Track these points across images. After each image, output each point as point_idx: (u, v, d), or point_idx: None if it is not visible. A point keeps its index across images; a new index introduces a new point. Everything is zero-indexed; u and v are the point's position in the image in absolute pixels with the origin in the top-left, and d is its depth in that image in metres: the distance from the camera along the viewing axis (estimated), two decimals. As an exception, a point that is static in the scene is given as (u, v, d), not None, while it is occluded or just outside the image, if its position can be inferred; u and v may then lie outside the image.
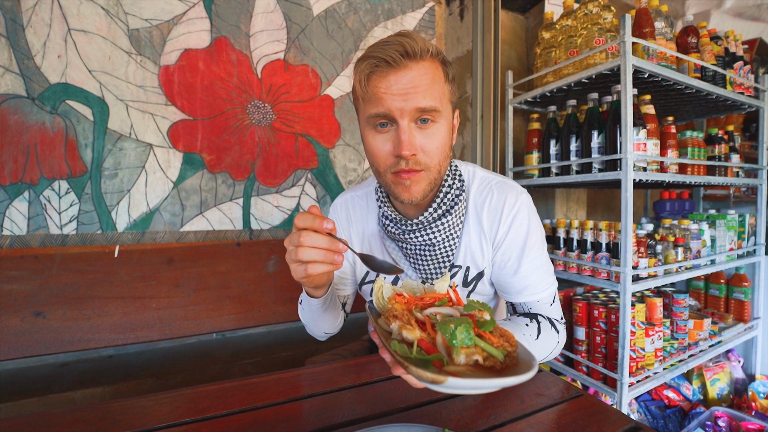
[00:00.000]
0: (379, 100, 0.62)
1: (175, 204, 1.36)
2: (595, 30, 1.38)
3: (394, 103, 0.61)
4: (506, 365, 0.43)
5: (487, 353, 0.43)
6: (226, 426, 0.55)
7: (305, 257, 0.53)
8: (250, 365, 1.27)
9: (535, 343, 0.70)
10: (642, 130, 1.29)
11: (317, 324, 0.80)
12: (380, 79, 0.62)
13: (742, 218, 1.76)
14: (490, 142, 1.74)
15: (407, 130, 0.62)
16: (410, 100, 0.61)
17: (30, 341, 1.10)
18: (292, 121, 1.52)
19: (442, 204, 0.71)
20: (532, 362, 0.41)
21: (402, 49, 0.60)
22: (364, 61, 0.63)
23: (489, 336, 0.45)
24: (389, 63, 0.61)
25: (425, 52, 0.62)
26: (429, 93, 0.62)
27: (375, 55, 0.61)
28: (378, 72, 0.62)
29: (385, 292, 0.60)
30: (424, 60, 0.62)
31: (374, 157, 0.67)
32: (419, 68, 0.62)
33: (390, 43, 0.61)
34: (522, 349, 0.46)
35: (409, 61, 0.61)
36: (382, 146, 0.66)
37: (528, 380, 0.39)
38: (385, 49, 0.61)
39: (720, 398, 1.64)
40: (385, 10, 1.68)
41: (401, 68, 0.61)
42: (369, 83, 0.63)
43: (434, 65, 0.64)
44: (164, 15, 1.32)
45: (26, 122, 1.17)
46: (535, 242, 0.74)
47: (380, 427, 0.52)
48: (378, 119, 0.64)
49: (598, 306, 1.37)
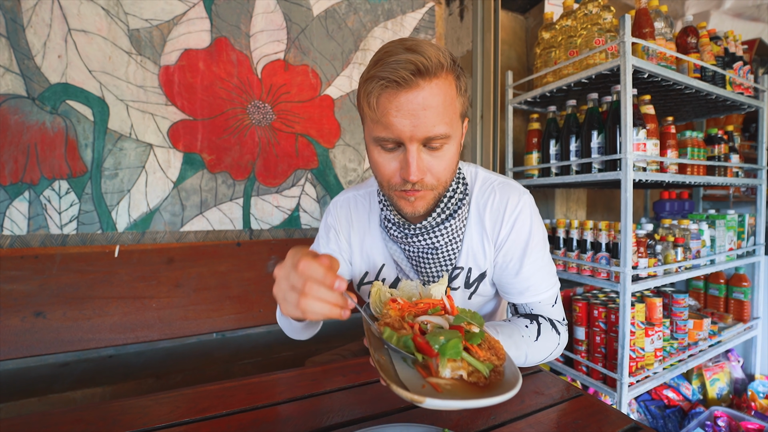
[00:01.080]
0: (387, 123, 0.59)
1: (175, 204, 1.36)
2: (595, 30, 1.38)
3: (403, 129, 0.58)
4: (490, 381, 0.44)
5: (473, 368, 0.44)
6: (226, 426, 0.55)
7: (308, 308, 0.48)
8: (250, 365, 1.27)
9: (534, 344, 0.70)
10: (642, 130, 1.29)
11: (298, 332, 0.78)
12: (389, 100, 0.58)
13: (742, 218, 1.76)
14: (490, 142, 1.74)
15: (415, 155, 0.59)
16: (420, 126, 0.58)
17: (30, 341, 1.10)
18: (292, 121, 1.52)
19: (446, 209, 0.70)
20: (516, 381, 0.42)
21: (414, 67, 0.56)
22: (372, 81, 0.58)
23: (476, 349, 0.46)
24: (399, 84, 0.56)
25: (439, 68, 0.58)
26: (440, 117, 0.59)
27: (384, 75, 0.57)
28: (387, 93, 0.58)
29: (382, 295, 0.60)
30: (437, 77, 0.58)
31: (380, 174, 0.65)
32: (431, 88, 0.57)
33: (400, 62, 0.56)
34: (509, 364, 0.46)
35: (420, 80, 0.57)
36: (388, 164, 0.63)
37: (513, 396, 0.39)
38: (396, 69, 0.56)
39: (719, 398, 1.64)
40: (385, 10, 1.68)
41: (412, 88, 0.57)
42: (378, 105, 0.59)
43: (447, 81, 0.60)
44: (164, 15, 1.32)
45: (26, 122, 1.17)
46: (537, 243, 0.74)
47: (380, 427, 0.52)
48: (385, 142, 0.61)
49: (598, 306, 1.38)
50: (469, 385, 0.43)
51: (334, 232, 0.84)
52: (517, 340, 0.69)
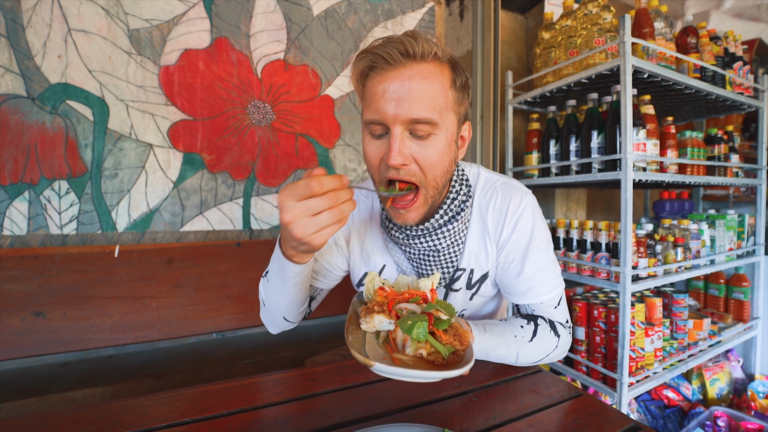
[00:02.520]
0: (374, 104, 0.59)
1: (175, 204, 1.36)
2: (595, 30, 1.38)
3: (387, 108, 0.58)
4: (449, 362, 0.49)
5: (433, 349, 0.49)
6: (226, 426, 0.55)
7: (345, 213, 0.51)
8: (250, 365, 1.27)
9: (528, 345, 0.70)
10: (642, 130, 1.29)
11: (281, 304, 0.73)
12: (376, 79, 0.59)
13: (742, 218, 1.76)
14: (490, 142, 1.74)
15: (398, 138, 0.59)
16: (403, 107, 0.57)
17: (30, 341, 1.10)
18: (292, 121, 1.52)
19: (448, 210, 0.70)
20: (467, 363, 0.47)
21: (402, 47, 0.56)
22: (361, 57, 0.60)
23: (441, 334, 0.50)
24: (387, 61, 0.57)
25: (428, 54, 0.58)
26: (425, 101, 0.58)
27: (374, 51, 0.58)
28: (375, 71, 0.59)
29: (375, 284, 0.63)
30: (426, 62, 0.58)
31: (367, 163, 0.66)
32: (420, 70, 0.58)
33: (391, 41, 0.58)
34: (470, 351, 0.50)
35: (408, 61, 0.57)
36: (375, 151, 0.63)
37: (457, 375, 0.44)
38: (385, 47, 0.57)
39: (719, 398, 1.64)
40: (385, 10, 1.68)
41: (399, 68, 0.57)
42: (366, 82, 0.60)
43: (439, 68, 0.60)
44: (164, 15, 1.32)
45: (26, 122, 1.17)
46: (540, 244, 0.73)
47: (380, 427, 0.52)
48: (373, 126, 0.61)
49: (598, 306, 1.38)
50: (425, 363, 0.49)
51: None
52: (507, 339, 0.68)
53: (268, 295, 0.73)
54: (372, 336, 0.56)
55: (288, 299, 0.71)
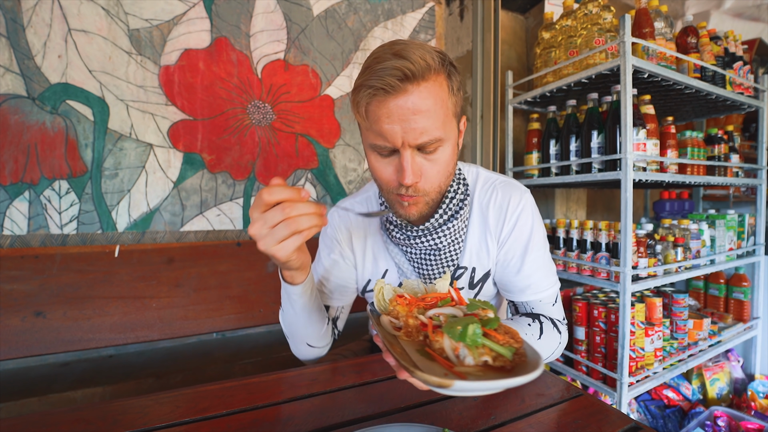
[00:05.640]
0: (380, 130, 0.59)
1: (176, 204, 1.36)
2: (595, 30, 1.38)
3: (395, 135, 0.59)
4: (515, 363, 0.43)
5: (495, 353, 0.43)
6: (226, 426, 0.55)
7: (302, 226, 0.50)
8: (250, 365, 1.27)
9: (537, 343, 0.70)
10: (642, 130, 1.29)
11: (300, 331, 0.74)
12: (379, 108, 0.58)
13: (742, 218, 1.76)
14: (490, 142, 1.74)
15: (410, 159, 0.60)
16: (411, 131, 0.58)
17: (30, 341, 1.10)
18: (292, 121, 1.52)
19: (447, 210, 0.71)
20: (538, 360, 0.41)
21: (400, 73, 0.56)
22: (361, 90, 0.59)
23: (495, 334, 0.44)
24: (387, 91, 0.57)
25: (426, 71, 0.57)
26: (431, 121, 0.59)
27: (372, 84, 0.57)
28: (376, 100, 0.58)
29: (385, 293, 0.60)
30: (425, 80, 0.58)
31: (377, 178, 0.67)
32: (420, 92, 0.57)
33: (387, 69, 0.56)
34: (527, 346, 0.45)
35: (408, 85, 0.57)
36: (385, 169, 0.64)
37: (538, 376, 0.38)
38: (382, 76, 0.56)
39: (719, 398, 1.64)
40: (385, 10, 1.68)
41: (400, 94, 0.57)
42: (369, 113, 0.60)
43: (437, 83, 0.59)
44: (164, 15, 1.32)
45: (26, 122, 1.17)
46: (538, 241, 0.75)
47: (380, 427, 0.52)
48: (381, 149, 0.62)
49: (598, 306, 1.38)
50: (495, 370, 0.42)
51: (336, 241, 0.83)
52: None
53: (285, 324, 0.76)
54: (413, 349, 0.49)
55: (302, 323, 0.73)
